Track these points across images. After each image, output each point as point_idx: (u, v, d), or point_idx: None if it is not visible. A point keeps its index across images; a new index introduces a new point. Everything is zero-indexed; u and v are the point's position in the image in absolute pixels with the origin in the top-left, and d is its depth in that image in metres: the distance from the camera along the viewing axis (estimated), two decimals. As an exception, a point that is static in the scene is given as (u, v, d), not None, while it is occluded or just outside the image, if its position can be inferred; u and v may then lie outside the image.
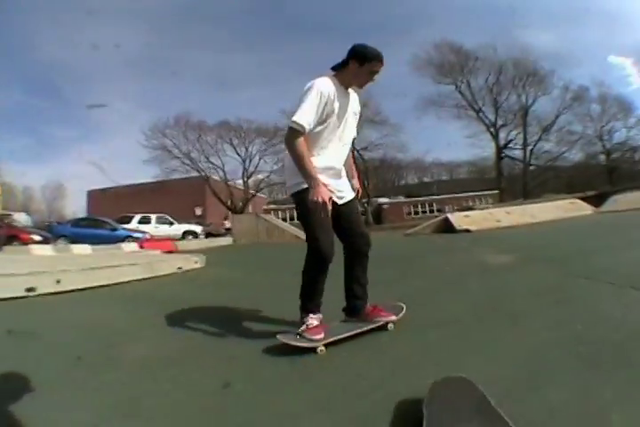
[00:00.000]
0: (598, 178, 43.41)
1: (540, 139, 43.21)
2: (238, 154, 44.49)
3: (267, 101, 75.81)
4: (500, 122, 43.70)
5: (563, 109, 43.47)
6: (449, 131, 76.90)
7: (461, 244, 8.72)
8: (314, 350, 2.35)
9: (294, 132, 2.36)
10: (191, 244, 17.42)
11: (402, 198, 51.83)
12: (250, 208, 43.71)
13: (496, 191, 43.87)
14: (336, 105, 2.49)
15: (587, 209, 15.69)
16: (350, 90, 2.67)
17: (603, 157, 46.59)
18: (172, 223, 23.90)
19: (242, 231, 17.84)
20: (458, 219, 14.16)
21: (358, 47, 2.54)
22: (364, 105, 37.73)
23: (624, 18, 58.24)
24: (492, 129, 43.24)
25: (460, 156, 73.06)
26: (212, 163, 43.47)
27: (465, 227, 13.07)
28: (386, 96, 75.48)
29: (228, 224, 27.71)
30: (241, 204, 42.21)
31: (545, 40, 63.12)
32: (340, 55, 2.63)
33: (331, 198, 2.42)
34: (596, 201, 18.11)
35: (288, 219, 42.76)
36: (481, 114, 43.75)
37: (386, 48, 2.70)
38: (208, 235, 24.21)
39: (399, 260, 7.10)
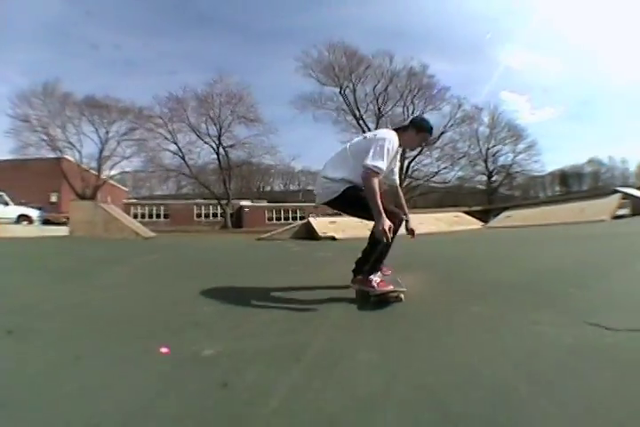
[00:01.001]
0: (470, 198, 45.23)
1: (419, 153, 43.92)
2: (99, 136, 40.04)
3: (151, 89, 72.24)
4: (378, 132, 43.18)
5: (450, 126, 44.85)
6: (325, 141, 78.05)
7: (318, 253, 7.75)
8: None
9: (374, 174, 3.07)
10: (17, 230, 15.59)
11: (264, 203, 51.73)
12: (109, 200, 38.88)
13: None
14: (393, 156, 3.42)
15: (473, 223, 15.77)
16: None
17: (478, 178, 49.45)
18: (6, 204, 20.94)
19: (78, 221, 15.20)
20: (321, 225, 13.25)
21: (419, 119, 3.59)
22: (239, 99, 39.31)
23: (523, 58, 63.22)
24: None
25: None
26: (71, 142, 38.92)
27: (330, 234, 12.09)
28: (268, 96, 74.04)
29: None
30: (91, 191, 37.57)
31: (446, 67, 65.41)
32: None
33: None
34: (482, 216, 18.60)
35: (147, 216, 41.74)
36: (361, 121, 43.51)
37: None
38: (46, 222, 21.56)
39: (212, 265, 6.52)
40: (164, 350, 2.18)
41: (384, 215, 2.96)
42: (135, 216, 40.05)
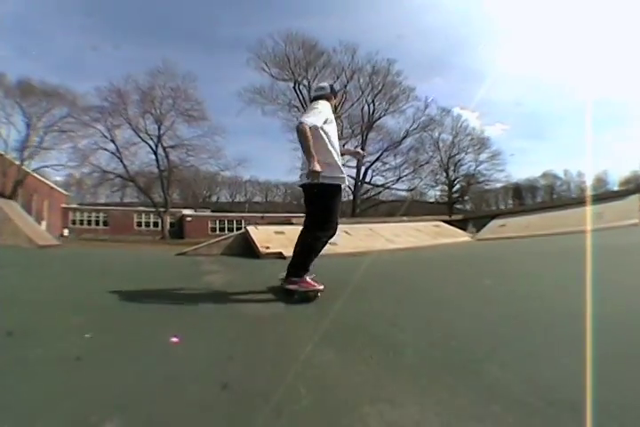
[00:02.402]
0: (423, 210, 43.78)
1: (378, 158, 42.07)
2: (28, 124, 37.40)
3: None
4: (335, 134, 41.33)
5: (413, 130, 43.71)
6: (276, 153, 76.33)
7: (250, 291, 4.99)
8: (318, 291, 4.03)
9: (304, 126, 3.91)
10: None
11: (208, 212, 51.11)
12: (45, 206, 37.64)
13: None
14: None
15: (459, 234, 14.16)
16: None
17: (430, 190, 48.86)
18: None
19: (-29, 221, 13.95)
20: (263, 236, 10.24)
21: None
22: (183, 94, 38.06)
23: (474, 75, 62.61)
24: None
25: (278, 176, 72.79)
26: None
27: (276, 250, 9.06)
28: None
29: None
30: (12, 186, 34.56)
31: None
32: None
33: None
34: (462, 226, 17.11)
35: (86, 222, 41.40)
36: None
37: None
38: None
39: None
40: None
41: (316, 160, 3.74)
42: (74, 222, 41.74)
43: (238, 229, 42.01)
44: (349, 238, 10.91)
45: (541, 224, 13.65)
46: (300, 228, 4.45)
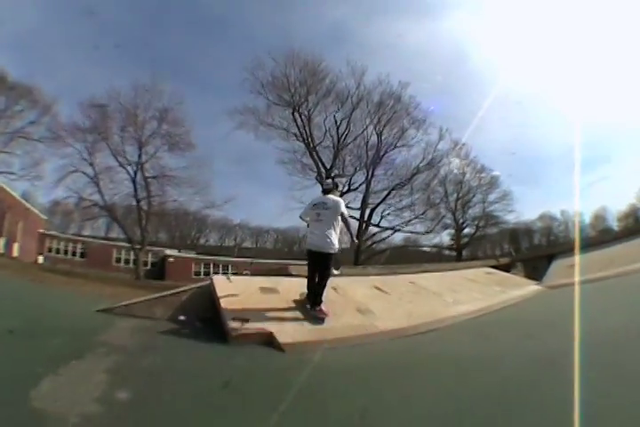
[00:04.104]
0: (422, 258, 41.17)
1: (385, 198, 39.28)
2: None
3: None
4: (335, 169, 38.44)
5: (424, 165, 39.95)
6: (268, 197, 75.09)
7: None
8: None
9: None
10: None
11: (192, 254, 47.56)
12: (19, 227, 35.61)
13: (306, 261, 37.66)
14: None
15: (524, 282, 12.13)
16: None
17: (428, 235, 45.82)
18: None
19: None
20: (239, 296, 6.44)
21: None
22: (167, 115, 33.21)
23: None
24: (322, 174, 37.82)
25: (270, 222, 73.21)
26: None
27: (261, 327, 5.51)
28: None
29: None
30: None
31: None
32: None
33: None
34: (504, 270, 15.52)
35: (62, 251, 38.79)
36: (315, 154, 38.02)
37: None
38: None
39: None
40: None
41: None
42: (50, 250, 39.39)
43: (225, 274, 39.87)
44: (390, 300, 7.65)
45: (629, 256, 12.46)
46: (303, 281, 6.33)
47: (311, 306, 5.78)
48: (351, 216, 40.83)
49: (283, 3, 62.71)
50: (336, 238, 5.84)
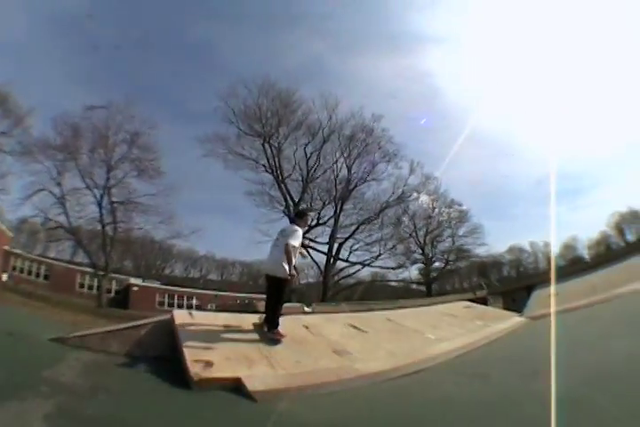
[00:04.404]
0: (385, 294, 41.87)
1: (354, 233, 38.78)
2: None
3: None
4: (303, 203, 37.81)
5: (393, 200, 39.89)
6: (234, 230, 74.26)
7: None
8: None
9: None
10: None
11: (157, 284, 46.04)
12: None
13: None
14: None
15: (505, 315, 12.36)
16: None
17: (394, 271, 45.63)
18: None
19: None
20: (202, 335, 5.91)
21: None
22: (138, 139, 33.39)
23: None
24: (290, 208, 37.21)
25: (236, 254, 72.80)
26: None
27: (227, 373, 4.67)
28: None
29: None
30: None
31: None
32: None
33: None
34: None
35: (26, 272, 37.26)
36: (283, 186, 37.48)
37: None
38: None
39: None
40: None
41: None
42: (14, 268, 37.66)
43: (188, 306, 38.76)
44: (368, 339, 7.16)
45: (609, 282, 12.55)
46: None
47: (268, 329, 6.02)
48: (317, 250, 36.72)
49: (264, 34, 63.88)
50: (288, 265, 6.05)
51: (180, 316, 6.52)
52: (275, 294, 6.26)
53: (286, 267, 6.04)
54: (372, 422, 3.94)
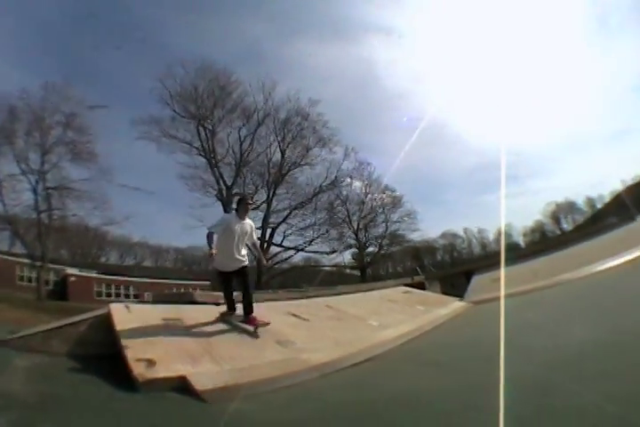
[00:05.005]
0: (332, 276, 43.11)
1: (287, 217, 38.70)
2: None
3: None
4: (235, 188, 37.42)
5: (327, 185, 39.78)
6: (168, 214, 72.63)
7: None
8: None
9: None
10: None
11: (94, 273, 43.88)
12: None
13: (208, 282, 36.75)
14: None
15: (442, 301, 12.30)
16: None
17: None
18: None
19: None
20: (141, 330, 5.63)
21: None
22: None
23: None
24: (222, 192, 36.68)
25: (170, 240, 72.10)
26: None
27: (172, 372, 4.47)
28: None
29: None
30: None
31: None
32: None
33: None
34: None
35: None
36: (216, 169, 36.68)
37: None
38: None
39: None
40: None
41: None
42: None
43: (126, 295, 39.39)
44: (311, 328, 7.01)
45: (559, 266, 12.89)
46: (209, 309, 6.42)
47: (249, 317, 6.12)
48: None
49: (203, 13, 62.26)
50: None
51: (117, 310, 6.27)
52: (247, 281, 6.37)
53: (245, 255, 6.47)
54: (332, 417, 3.80)
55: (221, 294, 7.28)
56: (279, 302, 9.01)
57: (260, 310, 7.25)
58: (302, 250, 39.54)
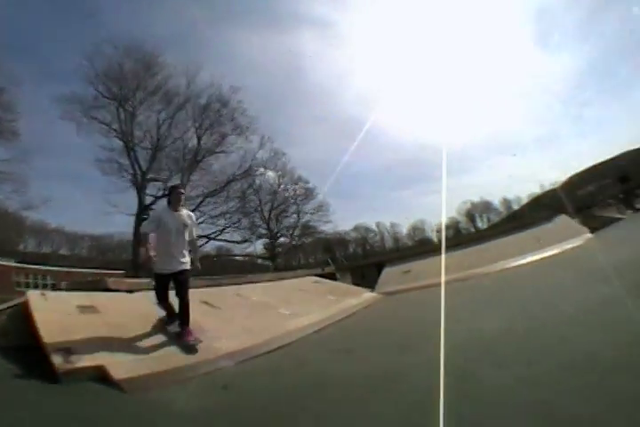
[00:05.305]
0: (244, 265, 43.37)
1: (199, 205, 37.73)
2: None
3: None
4: (150, 173, 36.09)
5: (238, 174, 39.36)
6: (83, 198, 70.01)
7: None
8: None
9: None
10: None
11: (12, 262, 41.19)
12: None
13: (122, 272, 35.66)
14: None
15: (358, 291, 12.51)
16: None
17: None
18: None
19: None
20: (58, 318, 5.46)
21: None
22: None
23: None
24: (137, 177, 35.48)
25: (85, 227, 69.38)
26: None
27: (90, 362, 4.32)
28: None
29: None
30: None
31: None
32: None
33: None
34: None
35: None
36: (132, 153, 35.43)
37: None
38: None
39: None
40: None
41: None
42: None
43: (44, 285, 36.34)
44: (222, 317, 7.05)
45: (472, 260, 13.26)
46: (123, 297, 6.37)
47: (184, 329, 5.38)
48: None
49: None
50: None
51: (34, 298, 6.16)
52: (187, 286, 5.68)
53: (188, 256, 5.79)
54: (247, 404, 3.84)
55: (136, 281, 7.13)
56: (190, 290, 8.63)
57: (171, 297, 7.21)
58: (214, 239, 38.83)
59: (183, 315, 5.39)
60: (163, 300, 5.70)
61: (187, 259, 5.66)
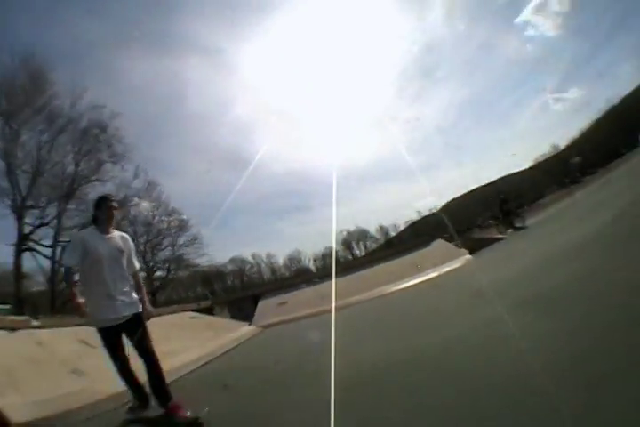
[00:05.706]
0: None
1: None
2: None
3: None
4: (30, 199, 33.89)
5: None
6: None
7: None
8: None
9: None
10: None
11: None
12: None
13: (7, 306, 32.87)
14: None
15: (235, 325, 13.08)
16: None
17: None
18: None
19: None
20: None
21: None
22: None
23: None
24: (17, 202, 33.15)
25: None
26: None
27: None
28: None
29: None
30: None
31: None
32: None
33: None
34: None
35: None
36: (13, 176, 32.84)
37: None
38: None
39: None
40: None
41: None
42: None
43: None
44: (99, 355, 6.70)
45: (343, 291, 13.33)
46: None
47: (165, 402, 3.88)
48: (42, 254, 33.16)
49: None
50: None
51: None
52: (149, 340, 4.11)
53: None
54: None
55: (20, 318, 6.14)
56: (66, 329, 8.56)
57: (48, 337, 7.19)
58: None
59: (158, 386, 3.97)
60: (123, 369, 4.16)
61: (133, 297, 4.10)
